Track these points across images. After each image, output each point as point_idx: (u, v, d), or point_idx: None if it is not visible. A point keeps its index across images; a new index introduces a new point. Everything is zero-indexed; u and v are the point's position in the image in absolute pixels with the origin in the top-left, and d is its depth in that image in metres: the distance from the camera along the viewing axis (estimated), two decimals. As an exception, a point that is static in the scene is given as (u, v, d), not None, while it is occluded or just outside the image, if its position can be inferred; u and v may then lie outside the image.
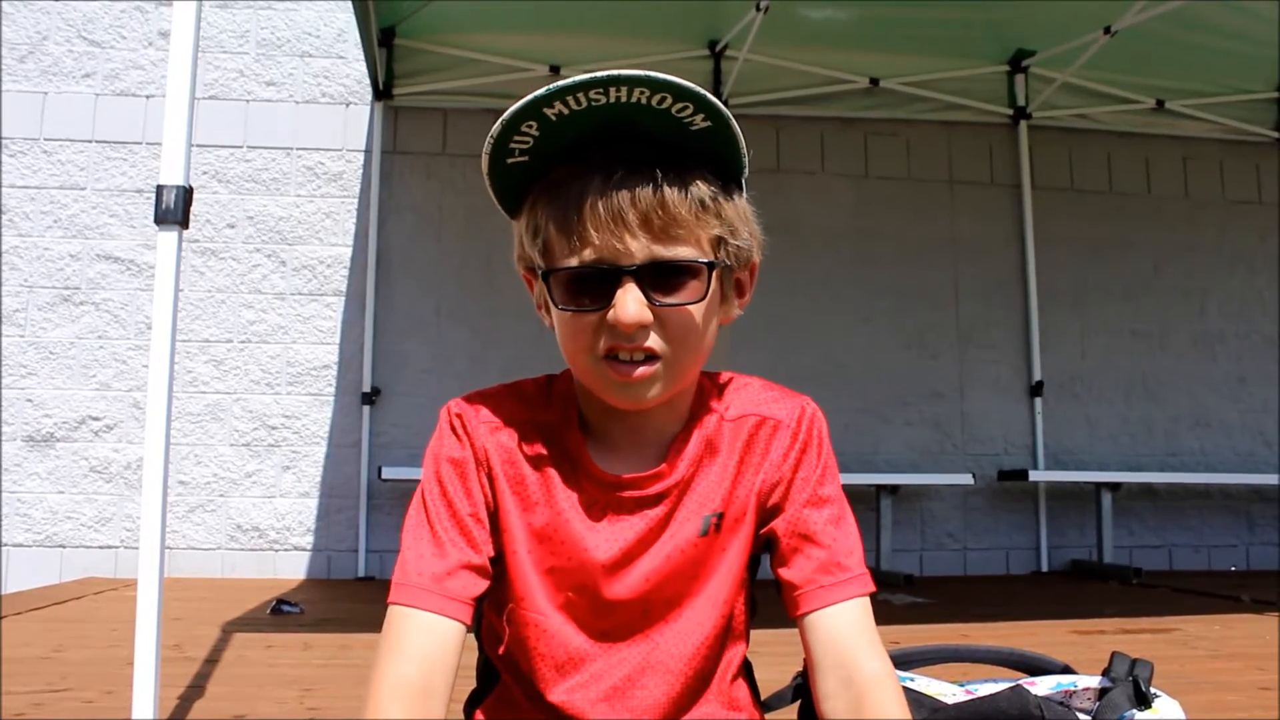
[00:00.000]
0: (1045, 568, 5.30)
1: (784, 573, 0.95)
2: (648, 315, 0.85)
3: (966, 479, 5.07)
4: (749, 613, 1.03)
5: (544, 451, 0.96)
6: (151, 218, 1.84)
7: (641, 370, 0.87)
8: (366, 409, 4.91)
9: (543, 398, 0.99)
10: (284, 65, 5.17)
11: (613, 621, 0.95)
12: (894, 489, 4.93)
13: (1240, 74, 5.45)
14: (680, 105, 0.83)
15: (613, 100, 0.82)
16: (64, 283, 4.87)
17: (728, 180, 0.90)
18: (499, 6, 4.66)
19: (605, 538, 0.94)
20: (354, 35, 4.98)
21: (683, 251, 0.86)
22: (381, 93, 5.03)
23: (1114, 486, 5.09)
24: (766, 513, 0.98)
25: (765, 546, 0.99)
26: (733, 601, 0.98)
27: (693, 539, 0.95)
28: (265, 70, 5.16)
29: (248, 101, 5.12)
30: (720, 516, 0.96)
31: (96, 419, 4.80)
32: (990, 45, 5.31)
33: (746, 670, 1.05)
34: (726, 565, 0.97)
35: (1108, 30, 4.72)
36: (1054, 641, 2.90)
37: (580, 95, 0.81)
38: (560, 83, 0.81)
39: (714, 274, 0.88)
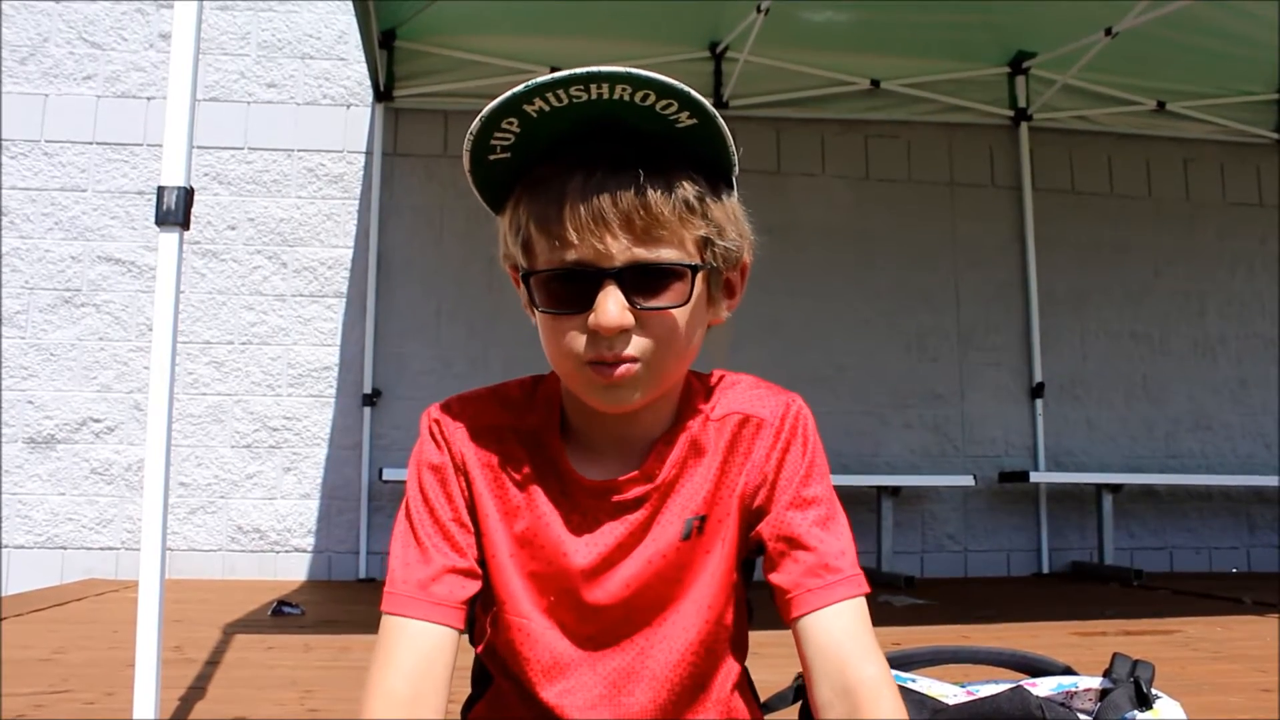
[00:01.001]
0: (1046, 569, 5.30)
1: (774, 577, 0.91)
2: (629, 319, 0.83)
3: (967, 481, 5.07)
4: (744, 619, 0.99)
5: (524, 457, 0.94)
6: (152, 219, 1.85)
7: (623, 369, 0.84)
8: (367, 410, 4.91)
9: (526, 401, 0.97)
10: (285, 67, 5.17)
11: (597, 627, 0.94)
12: (895, 491, 4.94)
13: (1240, 76, 5.46)
14: (664, 103, 0.80)
15: (594, 97, 0.80)
16: (65, 284, 4.88)
17: (716, 179, 0.87)
18: (500, 8, 4.67)
19: (584, 543, 0.92)
20: (355, 37, 4.98)
21: (665, 253, 0.83)
22: (382, 94, 5.04)
23: (1115, 488, 5.09)
24: (752, 515, 0.94)
25: (757, 550, 0.96)
26: (721, 608, 0.95)
27: (674, 543, 0.93)
28: (266, 72, 5.16)
29: (248, 103, 5.12)
30: (703, 520, 0.93)
31: (97, 421, 4.80)
32: (991, 47, 5.31)
33: (746, 682, 1.03)
34: (712, 570, 0.94)
35: (1108, 32, 4.72)
36: (1055, 643, 2.90)
37: (560, 92, 0.79)
38: (539, 79, 0.78)
39: (698, 276, 0.86)
